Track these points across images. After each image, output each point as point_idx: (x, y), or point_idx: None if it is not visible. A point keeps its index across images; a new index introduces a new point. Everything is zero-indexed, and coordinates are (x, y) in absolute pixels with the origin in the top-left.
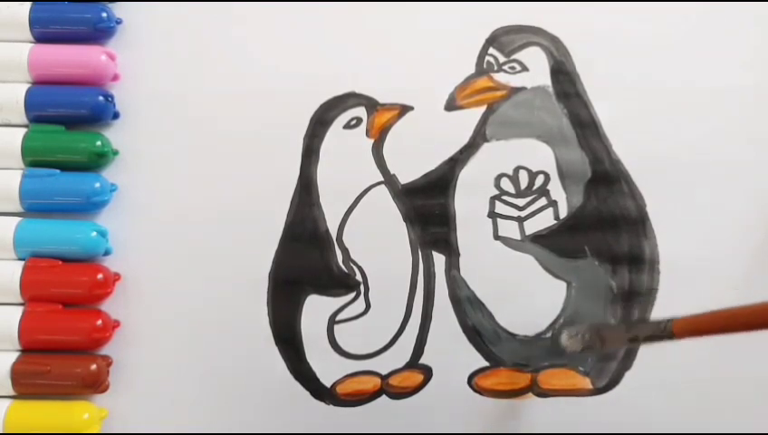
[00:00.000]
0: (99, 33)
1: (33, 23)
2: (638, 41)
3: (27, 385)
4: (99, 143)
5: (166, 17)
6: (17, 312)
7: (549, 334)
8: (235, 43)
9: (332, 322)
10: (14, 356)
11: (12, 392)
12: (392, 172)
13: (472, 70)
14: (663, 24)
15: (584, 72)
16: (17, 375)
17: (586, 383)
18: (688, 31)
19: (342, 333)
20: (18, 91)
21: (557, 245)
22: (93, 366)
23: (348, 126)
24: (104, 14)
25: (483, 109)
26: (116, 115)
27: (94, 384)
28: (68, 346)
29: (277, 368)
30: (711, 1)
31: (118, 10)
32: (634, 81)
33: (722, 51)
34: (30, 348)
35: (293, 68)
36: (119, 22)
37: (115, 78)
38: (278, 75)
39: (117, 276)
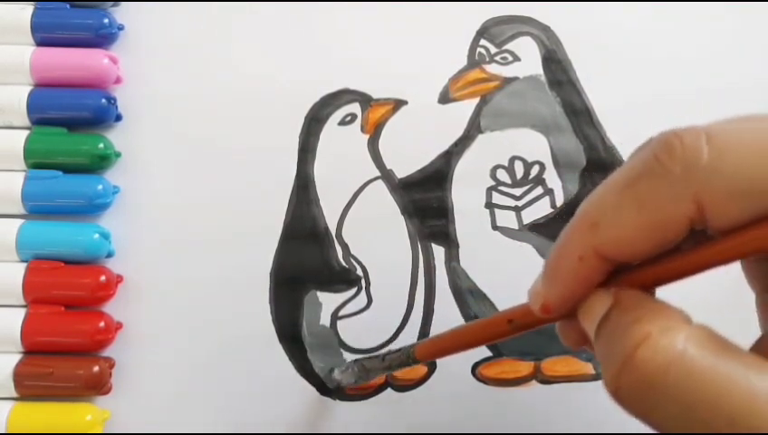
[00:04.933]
0: (101, 38)
1: (36, 28)
2: (632, 25)
3: (30, 387)
4: (101, 145)
5: (167, 22)
6: (20, 314)
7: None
8: (234, 47)
9: (335, 317)
10: (16, 358)
11: (14, 394)
12: (389, 167)
13: (464, 62)
14: (659, 8)
15: (576, 59)
16: (20, 377)
17: (588, 369)
18: (686, 16)
19: (346, 329)
20: (20, 94)
21: (555, 233)
22: (96, 368)
23: (343, 123)
24: (106, 20)
25: (476, 100)
26: (118, 117)
27: (97, 386)
28: (70, 348)
29: (282, 366)
30: None
31: (120, 15)
32: (628, 66)
33: (720, 37)
34: (32, 350)
35: (289, 67)
36: (120, 28)
37: (117, 81)
38: (275, 75)
39: (119, 278)
